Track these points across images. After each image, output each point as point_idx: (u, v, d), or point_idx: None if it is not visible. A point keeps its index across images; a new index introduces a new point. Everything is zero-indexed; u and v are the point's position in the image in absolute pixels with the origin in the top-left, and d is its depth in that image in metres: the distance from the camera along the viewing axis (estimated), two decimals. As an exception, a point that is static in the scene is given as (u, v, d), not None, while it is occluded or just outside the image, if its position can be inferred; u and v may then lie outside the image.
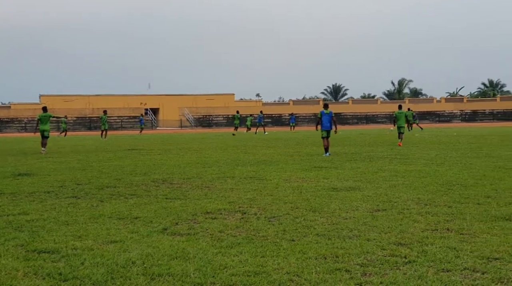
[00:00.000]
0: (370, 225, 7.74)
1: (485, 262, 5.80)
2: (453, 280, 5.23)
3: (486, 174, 13.52)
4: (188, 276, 5.56)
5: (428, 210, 8.80)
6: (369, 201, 9.74)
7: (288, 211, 8.93)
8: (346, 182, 12.54)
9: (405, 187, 11.42)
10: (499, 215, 8.23)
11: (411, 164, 16.48)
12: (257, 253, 6.35)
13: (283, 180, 13.15)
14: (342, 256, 6.15)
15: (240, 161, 18.99)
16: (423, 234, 7.15)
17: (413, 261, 5.90)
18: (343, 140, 33.55)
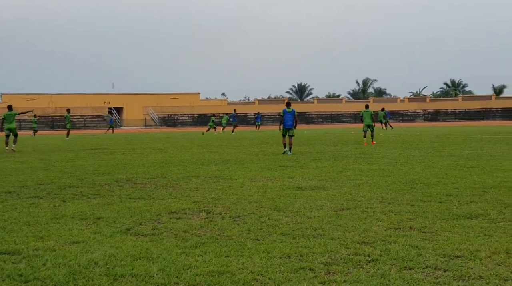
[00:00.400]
0: (334, 224, 7.78)
1: (447, 260, 5.87)
2: (415, 278, 5.29)
3: (448, 172, 13.72)
4: (151, 276, 5.51)
5: (391, 208, 8.89)
6: (333, 200, 9.79)
7: (253, 210, 8.92)
8: (311, 181, 12.60)
9: (369, 186, 11.52)
10: (460, 213, 8.35)
11: (375, 163, 16.63)
12: (222, 252, 6.33)
13: (248, 179, 13.15)
14: (306, 255, 6.17)
15: (205, 160, 18.93)
16: (386, 232, 7.21)
17: (376, 259, 5.94)
18: (308, 140, 33.73)
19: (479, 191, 10.50)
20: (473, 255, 5.99)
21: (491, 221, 7.82)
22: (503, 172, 13.54)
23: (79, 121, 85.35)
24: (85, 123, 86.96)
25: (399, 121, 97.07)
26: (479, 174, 13.25)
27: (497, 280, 5.17)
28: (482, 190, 10.67)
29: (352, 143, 29.23)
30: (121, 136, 48.59)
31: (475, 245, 6.44)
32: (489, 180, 12.03)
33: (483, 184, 11.41)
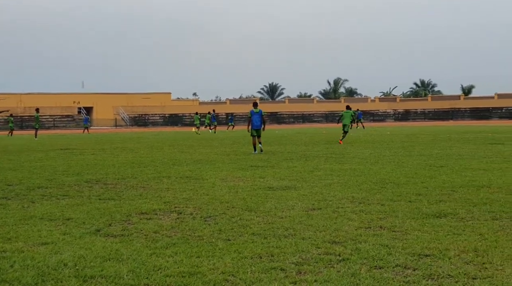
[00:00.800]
0: (305, 224, 7.80)
1: (416, 258, 5.93)
2: (385, 277, 5.33)
3: (418, 172, 13.85)
4: (121, 277, 5.46)
5: (362, 208, 8.94)
6: (304, 200, 9.82)
7: (224, 211, 8.90)
8: (282, 181, 12.62)
9: (340, 186, 11.57)
10: (429, 212, 8.43)
11: (346, 163, 16.72)
12: (192, 253, 6.30)
13: (220, 179, 13.12)
14: (278, 255, 6.17)
15: (176, 160, 18.84)
16: (356, 232, 7.25)
17: (347, 258, 5.97)
18: (280, 140, 33.78)
19: (448, 190, 10.62)
20: (442, 254, 6.06)
21: (460, 220, 7.90)
22: (471, 171, 13.71)
23: (48, 121, 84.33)
24: (54, 123, 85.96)
25: (370, 121, 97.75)
26: (448, 173, 13.40)
27: (465, 279, 5.23)
28: (451, 189, 10.79)
29: (323, 142, 29.36)
30: (91, 136, 48.14)
31: (444, 244, 6.51)
32: (458, 179, 12.17)
33: (452, 183, 11.54)
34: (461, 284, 5.08)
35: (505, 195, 9.89)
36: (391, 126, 69.38)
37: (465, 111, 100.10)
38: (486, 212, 8.36)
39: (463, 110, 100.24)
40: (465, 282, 5.14)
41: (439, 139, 30.42)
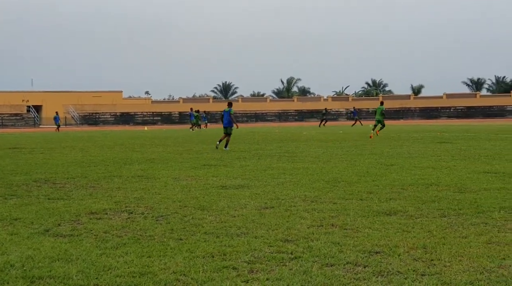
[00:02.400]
0: (258, 222, 7.80)
1: (367, 256, 5.99)
2: (336, 274, 5.37)
3: (369, 170, 14.02)
4: (70, 278, 5.36)
5: (314, 206, 8.99)
6: (257, 199, 9.82)
7: (176, 210, 8.84)
8: (235, 179, 12.60)
9: (292, 184, 11.62)
10: (380, 210, 8.54)
11: (298, 162, 16.81)
12: (143, 253, 6.23)
13: (172, 178, 13.02)
14: (230, 254, 6.15)
15: (128, 159, 18.63)
16: (309, 230, 7.29)
17: (299, 256, 5.99)
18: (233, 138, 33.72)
19: (398, 188, 10.77)
20: (392, 251, 6.14)
21: (409, 217, 8.03)
22: (420, 169, 13.95)
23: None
24: (2, 122, 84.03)
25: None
26: (398, 172, 13.60)
27: (414, 275, 5.31)
28: (401, 187, 10.96)
29: (276, 141, 29.48)
30: (40, 135, 47.21)
31: (394, 241, 6.60)
32: (408, 177, 12.36)
33: (402, 181, 11.72)
34: (410, 281, 5.16)
35: (453, 193, 10.09)
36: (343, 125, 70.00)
37: (415, 111, 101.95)
38: (435, 210, 8.52)
39: (413, 110, 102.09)
40: (414, 279, 5.22)
41: (389, 138, 30.88)
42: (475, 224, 7.49)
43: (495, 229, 7.15)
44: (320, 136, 34.77)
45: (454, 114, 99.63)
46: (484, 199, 9.35)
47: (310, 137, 33.54)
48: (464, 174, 12.81)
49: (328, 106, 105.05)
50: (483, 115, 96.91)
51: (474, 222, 7.61)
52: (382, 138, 30.55)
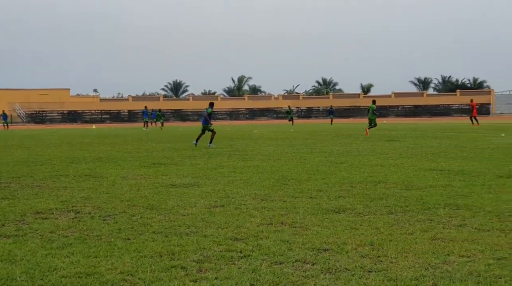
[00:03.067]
0: (207, 221, 7.76)
1: (315, 253, 6.02)
2: (285, 272, 5.38)
3: (319, 168, 14.12)
4: (14, 279, 5.23)
5: (264, 204, 9.00)
6: (207, 197, 9.78)
7: (124, 209, 8.72)
8: (185, 178, 12.52)
9: (242, 183, 11.61)
10: (329, 208, 8.61)
11: (249, 160, 16.82)
12: (90, 253, 6.12)
13: (120, 177, 12.85)
14: (179, 253, 6.10)
15: (75, 158, 18.30)
16: (258, 228, 7.29)
17: (248, 255, 5.98)
18: (183, 137, 33.61)
19: (347, 186, 10.88)
20: (340, 248, 6.18)
21: (358, 214, 8.11)
22: (369, 167, 14.13)
23: None
24: None
25: (273, 119, 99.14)
26: (347, 170, 13.74)
27: (361, 272, 5.36)
28: (350, 185, 11.07)
29: (227, 139, 29.46)
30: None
31: (342, 238, 6.65)
32: (357, 175, 12.50)
33: (351, 179, 11.84)
34: (357, 277, 5.20)
35: (400, 190, 10.24)
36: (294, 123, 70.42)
37: (364, 109, 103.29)
38: (382, 207, 8.63)
39: (362, 108, 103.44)
40: (361, 275, 5.27)
41: (339, 136, 31.21)
42: (421, 220, 7.62)
43: (440, 226, 7.29)
44: (271, 135, 34.88)
45: (402, 113, 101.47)
46: (429, 196, 9.53)
47: (261, 136, 33.62)
48: (411, 172, 13.03)
49: (279, 105, 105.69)
50: (430, 114, 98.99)
51: (420, 218, 7.74)
52: (334, 137, 30.85)
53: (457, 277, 5.13)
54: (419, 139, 26.73)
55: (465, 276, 5.17)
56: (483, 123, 48.30)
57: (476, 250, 6.05)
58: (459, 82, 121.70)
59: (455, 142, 23.77)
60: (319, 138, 29.50)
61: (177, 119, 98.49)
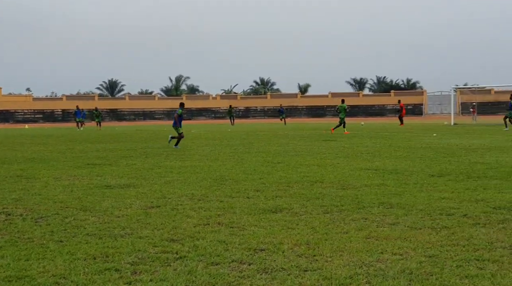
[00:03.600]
0: (143, 222, 7.67)
1: (252, 253, 6.02)
2: (221, 273, 5.36)
3: (256, 168, 14.16)
4: None
5: (201, 205, 8.96)
6: (143, 198, 9.66)
7: (57, 211, 8.51)
8: (121, 179, 12.34)
9: (179, 183, 11.53)
10: (266, 207, 8.63)
11: (186, 160, 16.72)
12: (21, 256, 5.96)
13: (53, 178, 12.55)
14: (113, 255, 6.00)
15: (6, 158, 17.78)
16: (195, 229, 7.25)
17: (184, 256, 5.94)
18: (119, 137, 33.14)
19: (284, 186, 10.95)
20: (276, 248, 6.21)
21: (294, 214, 8.17)
22: (306, 167, 14.26)
23: None
24: None
25: (211, 119, 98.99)
26: (284, 169, 13.83)
27: (297, 271, 5.40)
28: (287, 184, 11.14)
29: (164, 140, 29.17)
30: None
31: (279, 238, 6.68)
32: (294, 175, 12.60)
33: (288, 179, 11.92)
34: (293, 277, 5.23)
35: (336, 190, 10.38)
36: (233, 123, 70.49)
37: (302, 109, 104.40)
38: (319, 206, 8.72)
39: (300, 108, 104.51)
40: (296, 275, 5.30)
41: (277, 136, 31.41)
42: (355, 219, 7.74)
43: (374, 224, 7.41)
44: (209, 135, 34.81)
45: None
46: (364, 195, 9.69)
47: (199, 136, 33.51)
48: (347, 171, 13.22)
49: (217, 105, 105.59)
50: (365, 114, 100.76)
51: (354, 217, 7.86)
52: (272, 137, 31.03)
53: (390, 275, 5.23)
54: (354, 139, 27.17)
55: (398, 273, 5.28)
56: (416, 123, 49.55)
57: (409, 247, 6.18)
58: (393, 83, 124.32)
59: (390, 142, 24.28)
60: (257, 138, 29.61)
61: (113, 119, 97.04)
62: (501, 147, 20.00)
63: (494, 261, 5.61)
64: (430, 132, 32.53)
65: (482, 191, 9.93)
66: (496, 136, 27.15)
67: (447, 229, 7.04)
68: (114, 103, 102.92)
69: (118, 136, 33.19)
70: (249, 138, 29.79)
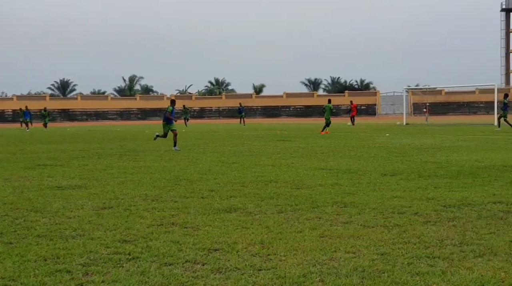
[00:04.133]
0: (95, 223, 7.56)
1: (206, 253, 6.00)
2: (174, 273, 5.31)
3: (211, 168, 14.12)
4: None
5: (155, 205, 8.88)
6: (95, 199, 9.52)
7: (6, 212, 8.33)
8: (72, 180, 12.14)
9: (133, 184, 11.41)
10: (220, 207, 8.61)
11: (140, 160, 16.57)
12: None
13: (3, 179, 12.27)
14: (64, 257, 5.89)
15: (-46, 159, 17.30)
16: (148, 229, 7.18)
17: (137, 257, 5.87)
18: (71, 137, 32.64)
19: (238, 186, 10.94)
20: (230, 248, 6.19)
21: (249, 214, 8.17)
22: (261, 167, 14.28)
23: None
24: None
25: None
26: (239, 169, 13.83)
27: (251, 271, 5.39)
28: (241, 184, 11.14)
29: (117, 140, 28.87)
30: None
31: (233, 237, 6.67)
32: (248, 175, 12.60)
33: (243, 179, 11.92)
34: (247, 276, 5.23)
35: (290, 189, 10.42)
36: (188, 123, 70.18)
37: (257, 109, 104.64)
38: (273, 206, 8.74)
39: (255, 108, 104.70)
40: (250, 274, 5.29)
41: (232, 136, 31.40)
42: (309, 218, 7.78)
43: (328, 223, 7.47)
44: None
45: (294, 113, 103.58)
46: (319, 194, 9.76)
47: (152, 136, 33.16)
48: (302, 171, 13.30)
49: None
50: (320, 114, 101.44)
51: (309, 216, 7.90)
52: (227, 137, 30.99)
53: (342, 273, 5.27)
54: (309, 139, 27.36)
55: (351, 271, 5.32)
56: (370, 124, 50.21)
57: (361, 246, 6.24)
58: (347, 84, 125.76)
59: (344, 141, 24.53)
60: (212, 138, 29.55)
61: (65, 120, 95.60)
62: (451, 147, 20.43)
63: (444, 258, 5.72)
64: (383, 132, 33.00)
65: (433, 189, 10.12)
66: (446, 136, 27.71)
67: (399, 227, 7.14)
68: (65, 104, 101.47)
69: (70, 137, 32.68)
70: (204, 138, 29.71)
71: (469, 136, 27.40)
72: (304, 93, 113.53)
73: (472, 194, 9.49)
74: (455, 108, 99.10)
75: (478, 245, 6.20)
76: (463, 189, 10.07)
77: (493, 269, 5.30)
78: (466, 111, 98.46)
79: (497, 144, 21.82)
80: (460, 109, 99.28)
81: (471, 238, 6.50)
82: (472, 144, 21.71)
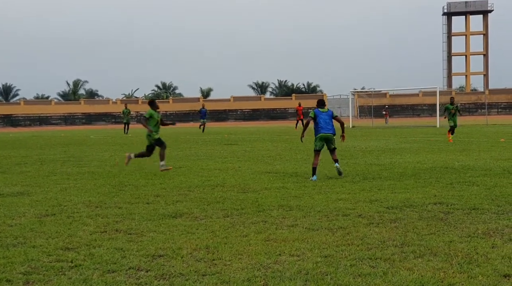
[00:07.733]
0: (37, 231, 7.40)
1: (150, 260, 5.94)
2: (117, 281, 5.25)
3: (157, 173, 14.02)
4: None
5: (99, 212, 8.76)
6: (37, 206, 9.33)
7: None
8: (14, 187, 11.86)
9: (76, 190, 11.22)
10: (166, 213, 8.56)
11: (84, 166, 16.31)
12: None
13: None
14: (4, 266, 5.76)
15: None
16: (91, 236, 7.07)
17: (80, 265, 5.78)
18: (13, 143, 31.88)
19: (185, 190, 10.89)
20: (175, 253, 6.16)
21: (195, 218, 8.14)
22: (207, 171, 14.26)
23: None
24: None
25: (111, 123, 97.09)
26: (185, 174, 13.77)
27: (196, 276, 5.37)
28: (187, 189, 11.09)
29: (61, 145, 28.32)
30: None
31: (178, 243, 6.63)
32: (195, 179, 12.56)
33: (189, 183, 11.88)
34: (191, 282, 5.20)
35: (237, 193, 10.43)
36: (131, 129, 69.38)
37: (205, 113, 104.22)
38: (219, 210, 8.73)
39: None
40: (195, 280, 5.27)
41: (179, 141, 31.22)
42: (255, 222, 7.81)
43: (273, 226, 7.51)
44: (109, 140, 34.11)
45: (241, 116, 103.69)
46: (265, 198, 9.80)
47: (98, 141, 32.75)
48: (248, 175, 13.33)
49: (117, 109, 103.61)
50: (267, 117, 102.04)
51: (254, 220, 7.93)
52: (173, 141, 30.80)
53: (287, 276, 5.31)
54: (256, 143, 27.42)
55: (295, 274, 5.36)
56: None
57: (306, 248, 6.30)
58: (294, 87, 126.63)
59: (290, 145, 24.68)
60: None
61: (8, 125, 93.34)
62: (394, 149, 20.82)
63: (386, 259, 5.82)
64: (329, 136, 33.30)
65: (377, 191, 10.29)
66: (391, 139, 28.23)
67: (343, 229, 7.24)
68: (8, 109, 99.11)
69: (12, 143, 31.91)
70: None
71: (412, 138, 27.98)
72: (251, 97, 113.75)
73: (414, 195, 9.70)
74: (399, 111, 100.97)
75: (419, 245, 6.33)
76: (406, 191, 10.28)
77: (433, 269, 5.43)
78: (410, 114, 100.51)
79: (439, 145, 22.35)
80: (404, 112, 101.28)
81: (412, 239, 6.64)
82: (415, 146, 22.18)
